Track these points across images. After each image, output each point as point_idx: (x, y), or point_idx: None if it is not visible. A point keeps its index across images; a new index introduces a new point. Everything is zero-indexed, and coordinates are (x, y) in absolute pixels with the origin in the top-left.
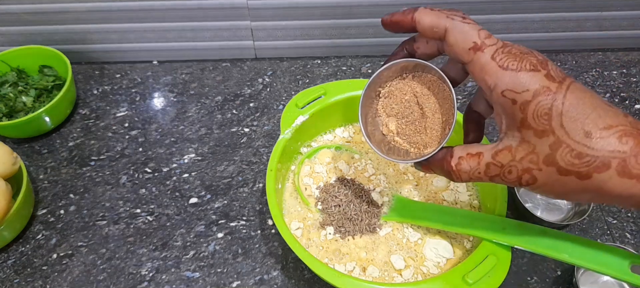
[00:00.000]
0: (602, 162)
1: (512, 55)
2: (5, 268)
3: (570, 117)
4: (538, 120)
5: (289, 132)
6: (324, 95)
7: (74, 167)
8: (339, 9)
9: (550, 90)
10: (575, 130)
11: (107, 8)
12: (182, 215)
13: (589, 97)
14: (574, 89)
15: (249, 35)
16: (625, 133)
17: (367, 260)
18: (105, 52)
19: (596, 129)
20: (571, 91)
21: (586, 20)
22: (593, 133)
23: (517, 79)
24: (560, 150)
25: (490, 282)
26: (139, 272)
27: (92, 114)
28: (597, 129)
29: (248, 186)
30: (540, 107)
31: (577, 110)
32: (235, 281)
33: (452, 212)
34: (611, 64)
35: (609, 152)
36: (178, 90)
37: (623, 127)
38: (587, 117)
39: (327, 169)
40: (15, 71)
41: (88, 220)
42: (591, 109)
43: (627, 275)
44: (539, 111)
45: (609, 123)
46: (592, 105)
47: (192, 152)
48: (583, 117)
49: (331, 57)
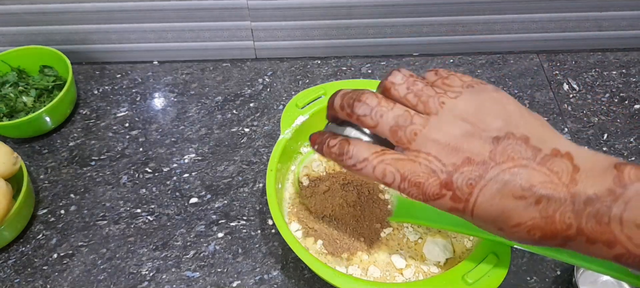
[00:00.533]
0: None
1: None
2: (6, 268)
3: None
4: None
5: (289, 132)
6: (324, 95)
7: (75, 167)
8: (339, 9)
9: (458, 210)
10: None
11: (108, 8)
12: (182, 215)
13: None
14: (482, 201)
15: (249, 36)
16: (532, 226)
17: (369, 261)
18: (106, 52)
19: (507, 227)
20: (478, 206)
21: (586, 20)
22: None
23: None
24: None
25: (490, 281)
26: (139, 271)
27: (92, 114)
28: (508, 227)
29: (248, 186)
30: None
31: (487, 219)
32: (235, 281)
33: None
34: (611, 64)
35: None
36: (178, 90)
37: (531, 222)
38: (497, 220)
39: (327, 168)
40: (15, 71)
41: (88, 220)
42: (499, 213)
43: (627, 274)
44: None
45: (517, 221)
46: (500, 210)
47: (193, 152)
48: (492, 220)
49: (331, 57)
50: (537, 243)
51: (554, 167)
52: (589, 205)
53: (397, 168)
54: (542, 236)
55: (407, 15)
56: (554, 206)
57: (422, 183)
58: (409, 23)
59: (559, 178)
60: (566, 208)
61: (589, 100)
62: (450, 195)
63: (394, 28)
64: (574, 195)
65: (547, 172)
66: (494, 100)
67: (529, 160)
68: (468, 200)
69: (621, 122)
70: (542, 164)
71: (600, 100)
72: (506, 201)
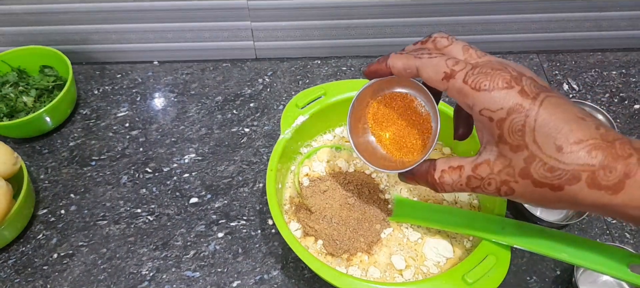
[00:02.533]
0: (572, 175)
1: (483, 74)
2: (6, 267)
3: (543, 133)
4: (513, 136)
5: (289, 132)
6: (324, 95)
7: (75, 167)
8: (339, 9)
9: (523, 107)
10: (547, 144)
11: (108, 8)
12: (182, 215)
13: (562, 112)
14: (547, 105)
15: (249, 36)
16: (594, 146)
17: (369, 262)
18: (106, 52)
19: (567, 143)
20: (544, 107)
21: (585, 20)
22: (564, 147)
23: (491, 98)
24: (534, 164)
25: (490, 281)
26: (139, 271)
27: (92, 114)
28: (568, 144)
29: (248, 186)
30: (514, 123)
31: (549, 126)
32: (235, 280)
33: (452, 212)
34: (610, 64)
35: (578, 166)
36: (178, 91)
37: (593, 141)
38: (559, 132)
39: (327, 168)
40: (16, 71)
41: (89, 220)
42: (564, 123)
43: (626, 274)
44: (513, 127)
45: (579, 137)
46: (564, 120)
47: (193, 152)
48: (555, 132)
49: (331, 57)
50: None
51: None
52: None
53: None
54: (603, 162)
55: (407, 15)
56: (613, 135)
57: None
58: (409, 23)
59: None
60: (624, 141)
61: (589, 100)
62: (519, 89)
63: (394, 28)
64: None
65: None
66: None
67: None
68: (535, 97)
69: (621, 122)
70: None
71: (600, 100)
72: (568, 115)
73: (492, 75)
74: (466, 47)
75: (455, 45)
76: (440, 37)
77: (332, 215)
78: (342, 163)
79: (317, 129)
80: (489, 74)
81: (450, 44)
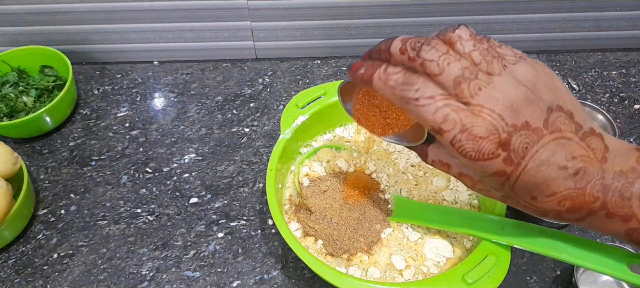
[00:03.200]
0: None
1: (471, 140)
2: (6, 267)
3: (520, 188)
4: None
5: (289, 132)
6: (324, 95)
7: (75, 167)
8: (339, 9)
9: (504, 173)
10: (523, 195)
11: (108, 8)
12: (182, 215)
13: (545, 168)
14: (531, 167)
15: (249, 36)
16: (565, 197)
17: (369, 262)
18: (106, 52)
19: (541, 195)
20: (526, 171)
21: (585, 20)
22: (538, 198)
23: (475, 165)
24: (509, 200)
25: (490, 281)
26: (139, 271)
27: (92, 114)
28: (542, 196)
29: (248, 186)
30: (494, 181)
31: (527, 186)
32: (235, 280)
33: (452, 212)
34: (610, 64)
35: (547, 209)
36: (178, 91)
37: (566, 192)
38: (535, 188)
39: (327, 168)
40: (16, 71)
41: (89, 220)
42: (542, 180)
43: (626, 274)
44: (493, 183)
45: (554, 190)
46: (544, 177)
47: (193, 152)
48: (531, 188)
49: (331, 57)
50: (559, 215)
51: (591, 144)
52: (616, 180)
53: (460, 117)
54: (570, 207)
55: (407, 15)
56: (587, 179)
57: (481, 138)
58: (409, 23)
59: (594, 154)
60: (596, 182)
61: (589, 100)
62: (504, 157)
63: (394, 28)
64: (604, 171)
65: (585, 147)
66: (546, 73)
67: (573, 134)
68: (519, 164)
69: (621, 122)
70: (583, 139)
71: (600, 100)
72: (550, 170)
73: (479, 141)
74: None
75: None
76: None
77: (332, 215)
78: (342, 163)
79: (317, 129)
80: (477, 139)
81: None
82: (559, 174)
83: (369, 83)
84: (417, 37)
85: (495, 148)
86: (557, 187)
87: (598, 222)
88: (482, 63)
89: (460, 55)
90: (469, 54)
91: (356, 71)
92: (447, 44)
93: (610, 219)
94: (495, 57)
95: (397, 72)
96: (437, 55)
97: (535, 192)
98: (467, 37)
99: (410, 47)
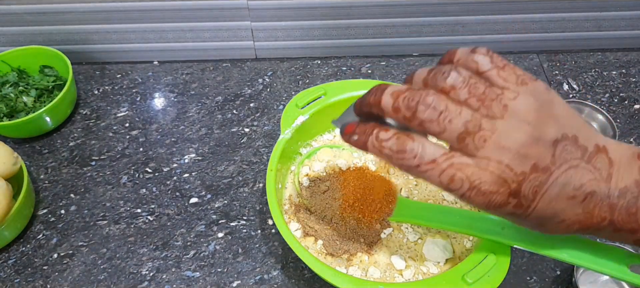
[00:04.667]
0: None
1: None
2: (6, 267)
3: (530, 221)
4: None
5: (289, 132)
6: (324, 95)
7: (75, 167)
8: (339, 9)
9: (515, 214)
10: (533, 224)
11: (108, 8)
12: (182, 215)
13: (555, 202)
14: (541, 206)
15: (249, 36)
16: (575, 221)
17: (369, 262)
18: (106, 52)
19: (550, 224)
20: (535, 212)
21: (585, 20)
22: (546, 226)
23: (486, 211)
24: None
25: (490, 281)
26: (139, 271)
27: (92, 114)
28: (551, 224)
29: (248, 186)
30: (504, 217)
31: (536, 220)
32: (235, 280)
33: (452, 212)
34: (610, 64)
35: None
36: (178, 91)
37: (575, 217)
38: (545, 220)
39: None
40: (16, 71)
41: (89, 220)
42: (552, 214)
43: (627, 274)
44: (503, 217)
45: (563, 218)
46: (553, 211)
47: (193, 152)
48: (540, 221)
49: (331, 57)
50: (566, 233)
51: (597, 164)
52: (621, 198)
53: (467, 175)
54: (578, 229)
55: (407, 15)
56: (595, 201)
57: (491, 193)
58: (409, 23)
59: (600, 174)
60: (603, 202)
61: (589, 100)
62: (515, 203)
63: (394, 28)
64: (610, 190)
65: (592, 169)
66: (548, 102)
67: (579, 160)
68: (529, 206)
69: (621, 122)
70: (589, 162)
71: (600, 100)
72: (560, 203)
73: (490, 195)
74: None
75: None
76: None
77: (332, 215)
78: (342, 163)
79: (317, 129)
80: (487, 194)
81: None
82: (567, 204)
83: (365, 150)
84: (409, 90)
85: (505, 199)
86: (565, 216)
87: (606, 235)
88: (481, 109)
89: (459, 103)
90: (464, 102)
91: (350, 136)
92: (442, 93)
93: (617, 233)
94: (493, 100)
95: (389, 138)
96: (436, 114)
97: (544, 222)
98: (460, 83)
99: (404, 107)
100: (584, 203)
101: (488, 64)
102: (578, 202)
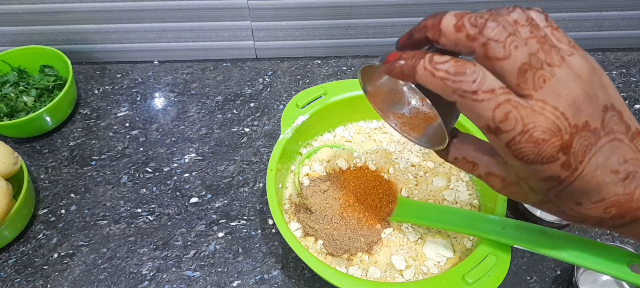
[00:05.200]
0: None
1: (532, 142)
2: (6, 267)
3: (568, 194)
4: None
5: (289, 131)
6: (324, 95)
7: (75, 167)
8: (339, 9)
9: (559, 178)
10: (568, 201)
11: (108, 8)
12: (182, 214)
13: (600, 174)
14: (587, 172)
15: (250, 36)
16: (613, 204)
17: (369, 262)
18: (106, 52)
19: (588, 201)
20: (582, 176)
21: (586, 20)
22: (584, 204)
23: (530, 169)
24: (546, 205)
25: (490, 281)
26: (139, 271)
27: (93, 113)
28: (589, 202)
29: (248, 186)
30: (541, 186)
31: (576, 193)
32: (235, 280)
33: (452, 212)
34: (611, 64)
35: (591, 218)
36: (179, 90)
37: (615, 198)
38: (584, 194)
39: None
40: (16, 71)
41: (89, 219)
42: (594, 186)
43: (627, 274)
44: (538, 188)
45: (602, 196)
46: (596, 183)
47: (193, 151)
48: (580, 194)
49: (331, 57)
50: (600, 222)
51: (639, 145)
52: None
53: (522, 116)
54: (615, 214)
55: (407, 15)
56: (636, 183)
57: (543, 141)
58: (408, 23)
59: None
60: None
61: None
62: (562, 161)
63: (394, 28)
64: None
65: (635, 149)
66: (599, 70)
67: (624, 135)
68: (576, 169)
69: None
70: (632, 141)
71: None
72: (604, 175)
73: (541, 144)
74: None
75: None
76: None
77: (332, 215)
78: (342, 163)
79: (317, 129)
80: (538, 142)
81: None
82: (611, 179)
83: (412, 76)
84: (475, 13)
85: (556, 151)
86: (606, 193)
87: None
88: (540, 52)
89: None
90: (526, 40)
91: (393, 63)
92: None
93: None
94: (553, 47)
95: (446, 61)
96: (505, 35)
97: (583, 198)
98: (524, 21)
99: (469, 24)
100: (625, 183)
101: (543, 21)
102: (620, 179)
